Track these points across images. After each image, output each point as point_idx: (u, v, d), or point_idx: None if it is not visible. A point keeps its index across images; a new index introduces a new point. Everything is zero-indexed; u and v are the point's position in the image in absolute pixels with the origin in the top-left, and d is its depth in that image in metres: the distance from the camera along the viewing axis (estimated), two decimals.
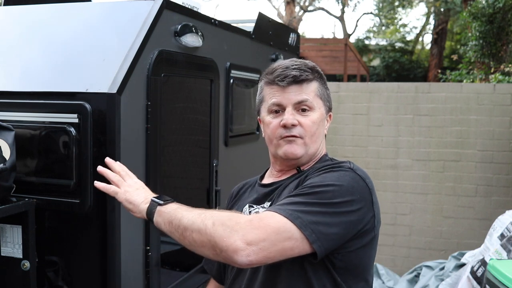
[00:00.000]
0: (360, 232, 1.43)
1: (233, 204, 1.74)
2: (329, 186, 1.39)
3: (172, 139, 2.53)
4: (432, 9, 21.23)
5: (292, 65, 1.54)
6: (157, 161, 2.28)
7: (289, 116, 1.51)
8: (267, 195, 1.59)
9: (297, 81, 1.52)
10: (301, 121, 1.52)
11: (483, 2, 7.65)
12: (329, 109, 1.62)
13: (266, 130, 1.59)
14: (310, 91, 1.54)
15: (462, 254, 4.43)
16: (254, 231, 1.28)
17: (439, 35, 18.36)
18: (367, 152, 5.98)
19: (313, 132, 1.54)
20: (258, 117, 1.66)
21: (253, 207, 1.59)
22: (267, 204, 1.57)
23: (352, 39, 23.76)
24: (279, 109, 1.55)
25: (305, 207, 1.34)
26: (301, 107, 1.53)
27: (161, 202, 1.47)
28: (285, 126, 1.52)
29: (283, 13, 19.08)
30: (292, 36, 4.33)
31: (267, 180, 1.67)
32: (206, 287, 1.91)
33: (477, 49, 7.86)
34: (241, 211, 1.62)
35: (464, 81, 8.45)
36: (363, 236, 1.44)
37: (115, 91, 1.99)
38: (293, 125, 1.51)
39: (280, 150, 1.55)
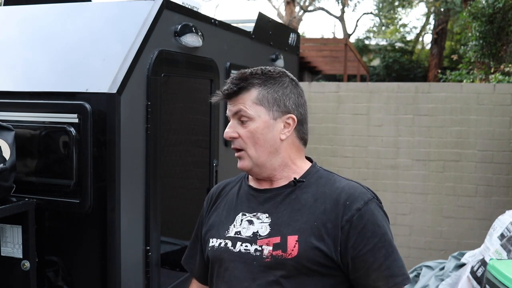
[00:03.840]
0: None
1: (216, 206, 1.66)
2: (387, 234, 1.47)
3: (172, 139, 2.53)
4: (432, 9, 21.20)
5: (230, 79, 1.55)
6: (157, 161, 2.28)
7: (228, 129, 1.55)
8: (261, 204, 1.55)
9: (230, 94, 1.53)
10: (239, 132, 1.53)
11: (483, 2, 7.64)
12: (284, 112, 1.52)
13: None
14: (246, 100, 1.51)
15: (462, 254, 4.42)
16: None
17: (439, 35, 18.35)
18: (367, 152, 5.98)
19: (254, 142, 1.51)
20: None
21: (246, 215, 1.55)
22: (261, 215, 1.52)
23: (352, 39, 23.75)
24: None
25: (400, 262, 1.45)
26: (240, 118, 1.53)
27: None
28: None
29: (283, 13, 19.07)
30: (292, 36, 4.34)
31: (256, 183, 1.60)
32: None
33: (477, 49, 7.85)
34: (233, 217, 1.56)
35: (464, 81, 8.44)
36: None
37: (115, 91, 2.00)
38: (232, 138, 1.54)
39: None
